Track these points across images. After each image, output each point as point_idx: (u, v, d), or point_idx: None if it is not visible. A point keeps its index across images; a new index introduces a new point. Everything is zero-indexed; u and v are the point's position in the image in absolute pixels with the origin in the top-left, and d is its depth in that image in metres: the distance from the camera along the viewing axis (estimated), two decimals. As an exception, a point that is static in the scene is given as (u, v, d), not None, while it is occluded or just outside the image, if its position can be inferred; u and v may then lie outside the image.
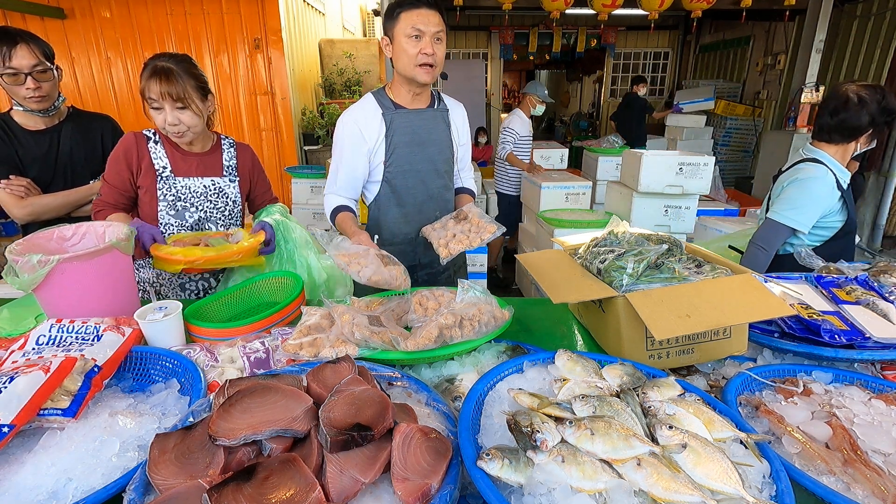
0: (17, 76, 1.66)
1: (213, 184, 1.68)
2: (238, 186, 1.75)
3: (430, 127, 1.70)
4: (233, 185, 1.73)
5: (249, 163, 1.79)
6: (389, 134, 1.64)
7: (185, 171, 1.64)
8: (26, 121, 1.81)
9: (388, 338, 1.06)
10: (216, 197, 1.69)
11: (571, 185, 3.88)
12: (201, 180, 1.66)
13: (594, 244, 1.36)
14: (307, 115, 5.53)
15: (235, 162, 1.74)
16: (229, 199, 1.73)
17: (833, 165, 1.79)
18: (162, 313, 1.18)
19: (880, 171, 5.53)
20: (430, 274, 1.84)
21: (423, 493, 0.65)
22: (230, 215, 1.75)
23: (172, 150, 1.63)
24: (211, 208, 1.69)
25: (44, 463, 0.77)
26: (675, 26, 9.14)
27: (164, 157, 1.62)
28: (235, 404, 0.76)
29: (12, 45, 1.63)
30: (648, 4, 5.12)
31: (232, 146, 1.76)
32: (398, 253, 1.75)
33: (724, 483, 0.66)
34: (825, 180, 1.76)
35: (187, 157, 1.65)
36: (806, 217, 1.78)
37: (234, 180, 1.74)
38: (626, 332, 1.10)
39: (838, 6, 5.64)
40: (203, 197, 1.67)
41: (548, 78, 15.28)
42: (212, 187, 1.68)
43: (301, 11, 5.58)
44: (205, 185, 1.67)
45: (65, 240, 1.38)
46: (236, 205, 1.76)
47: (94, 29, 4.72)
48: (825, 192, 1.76)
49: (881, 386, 0.98)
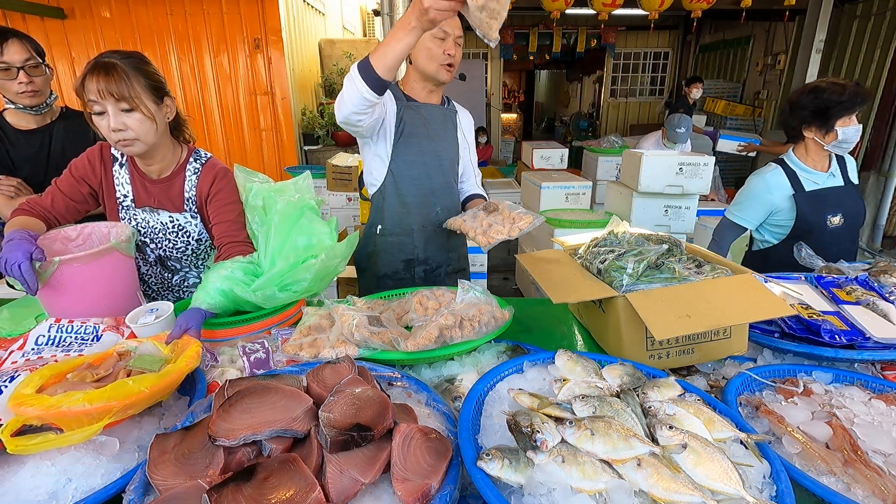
0: (9, 70, 1.67)
1: (172, 221, 1.43)
2: (200, 223, 1.47)
3: (440, 123, 1.73)
4: (195, 222, 1.46)
5: (207, 190, 1.44)
6: (399, 123, 1.66)
7: (145, 200, 1.42)
8: (18, 120, 1.81)
9: (389, 338, 1.06)
10: (175, 236, 1.45)
11: (571, 185, 3.88)
12: (158, 215, 1.41)
13: (594, 244, 1.36)
14: (307, 115, 5.54)
15: (195, 192, 1.45)
16: (191, 238, 1.47)
17: (796, 165, 1.85)
18: (153, 315, 1.18)
19: (880, 172, 5.53)
20: (427, 270, 1.83)
21: (423, 494, 0.65)
22: (195, 254, 1.51)
23: (136, 175, 1.41)
24: (171, 247, 1.46)
25: (43, 463, 0.77)
26: (675, 26, 9.14)
27: (127, 183, 1.40)
28: (235, 405, 0.76)
29: (3, 41, 1.65)
30: (648, 4, 5.12)
31: (196, 173, 1.44)
32: (396, 245, 1.77)
33: (724, 483, 0.66)
34: (767, 179, 1.85)
35: (146, 184, 1.41)
36: (747, 213, 1.90)
37: (196, 216, 1.46)
38: (626, 332, 1.10)
39: (838, 6, 5.64)
40: (161, 234, 1.44)
41: (548, 78, 15.28)
42: (170, 225, 1.43)
43: (301, 11, 5.58)
44: (162, 223, 1.42)
45: (70, 240, 1.38)
46: (201, 243, 1.50)
47: (94, 29, 4.71)
48: (763, 190, 1.85)
49: (881, 386, 0.98)
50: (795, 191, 1.81)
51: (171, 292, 1.58)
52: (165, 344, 1.03)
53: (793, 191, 1.81)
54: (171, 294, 1.58)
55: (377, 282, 1.83)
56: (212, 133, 5.34)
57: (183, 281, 1.57)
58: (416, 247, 1.78)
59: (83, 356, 0.96)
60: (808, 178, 1.84)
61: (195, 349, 0.97)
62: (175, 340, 1.04)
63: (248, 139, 5.41)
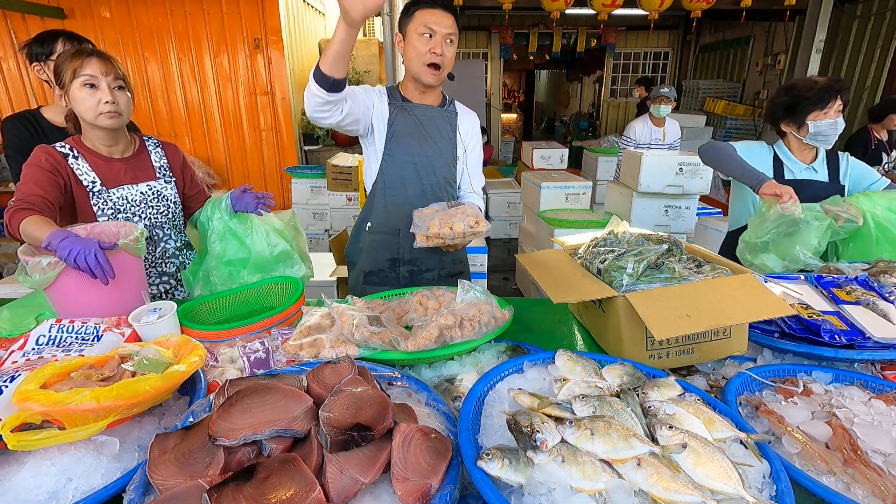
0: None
1: (150, 189, 1.58)
2: (175, 187, 1.65)
3: (434, 124, 1.71)
4: (169, 187, 1.64)
5: (181, 161, 1.69)
6: (392, 123, 1.67)
7: (115, 179, 1.52)
8: (55, 117, 1.87)
9: (389, 338, 1.06)
10: (156, 202, 1.60)
11: (571, 185, 3.88)
12: (136, 187, 1.55)
13: (594, 244, 1.36)
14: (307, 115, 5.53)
15: (167, 161, 1.65)
16: (170, 202, 1.63)
17: (782, 152, 1.94)
18: (156, 315, 1.18)
19: (880, 171, 5.52)
20: (413, 272, 1.81)
21: (423, 493, 0.65)
22: (174, 218, 1.66)
23: (95, 160, 1.50)
24: (154, 214, 1.59)
25: (44, 463, 0.77)
26: (675, 26, 9.15)
27: (89, 170, 1.48)
28: (235, 404, 0.76)
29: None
30: (648, 4, 5.12)
31: (158, 146, 1.66)
32: (382, 243, 1.77)
33: (724, 483, 0.66)
34: (758, 143, 1.98)
35: (112, 165, 1.52)
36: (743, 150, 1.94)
37: (170, 181, 1.64)
38: (626, 332, 1.10)
39: (838, 6, 5.64)
40: (144, 204, 1.57)
41: (548, 78, 15.29)
42: (149, 193, 1.58)
43: (301, 11, 5.58)
44: (141, 192, 1.56)
45: None
46: (177, 206, 1.67)
47: (94, 29, 4.71)
48: (755, 145, 1.97)
49: (881, 386, 0.98)
50: (775, 175, 1.88)
51: (153, 268, 1.66)
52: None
53: (771, 175, 1.87)
54: (153, 270, 1.66)
55: (363, 277, 1.82)
56: (212, 133, 5.34)
57: (164, 253, 1.67)
58: (401, 246, 1.77)
59: (84, 357, 0.96)
60: (789, 167, 1.90)
61: (199, 352, 0.97)
62: (176, 343, 1.04)
63: (248, 139, 5.41)
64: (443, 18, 1.55)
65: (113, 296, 1.27)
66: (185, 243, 1.75)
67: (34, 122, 1.85)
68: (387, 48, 3.34)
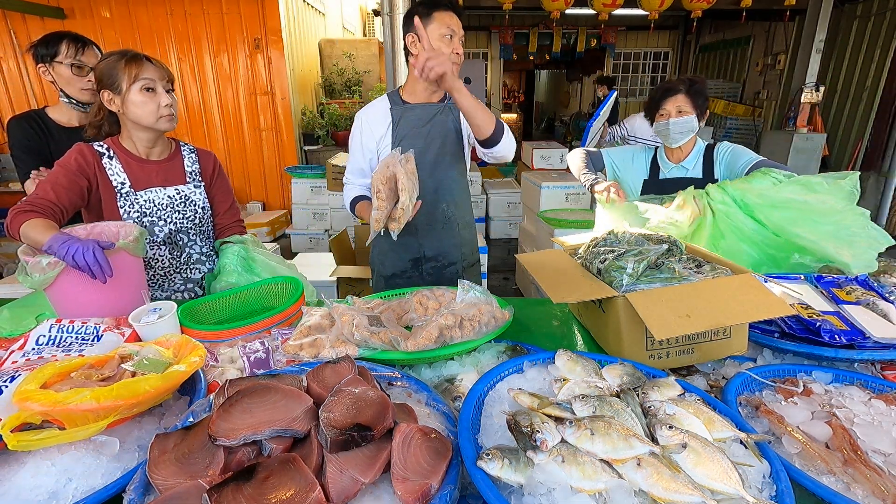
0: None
1: (178, 193, 1.58)
2: (204, 192, 1.66)
3: (437, 119, 1.74)
4: (198, 192, 1.64)
5: (211, 169, 1.68)
6: (396, 128, 1.72)
7: (146, 182, 1.53)
8: (60, 116, 1.89)
9: (389, 338, 1.06)
10: (183, 206, 1.59)
11: (571, 185, 3.88)
12: (164, 191, 1.55)
13: (594, 244, 1.36)
14: (307, 115, 5.54)
15: (198, 167, 1.65)
16: (198, 207, 1.63)
17: (659, 153, 2.03)
18: (157, 315, 1.18)
19: (880, 172, 5.53)
20: (437, 267, 1.85)
21: (423, 493, 0.65)
22: (202, 224, 1.66)
23: (128, 161, 1.51)
24: (181, 219, 1.59)
25: (44, 463, 0.77)
26: (675, 26, 9.15)
27: (121, 171, 1.50)
28: (235, 404, 0.76)
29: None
30: (648, 4, 5.13)
31: (193, 151, 1.67)
32: (401, 244, 1.79)
33: (724, 483, 0.66)
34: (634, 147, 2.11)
35: (145, 166, 1.54)
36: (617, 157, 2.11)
37: (200, 185, 1.64)
38: (626, 332, 1.10)
39: (838, 6, 5.64)
40: (170, 208, 1.57)
41: (548, 78, 15.28)
42: (177, 197, 1.58)
43: (301, 11, 5.58)
44: (169, 196, 1.56)
45: None
46: (206, 212, 1.66)
47: (94, 29, 4.71)
48: (629, 150, 2.10)
49: (881, 386, 0.98)
50: (649, 177, 1.99)
51: (178, 274, 1.64)
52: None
53: (647, 176, 2.00)
54: (178, 276, 1.64)
55: (386, 281, 1.85)
56: (212, 133, 5.34)
57: (189, 259, 1.65)
58: (421, 245, 1.80)
59: (84, 357, 0.96)
60: (662, 167, 2.00)
61: (199, 352, 0.97)
62: (176, 343, 1.04)
63: (248, 139, 5.41)
64: (457, 20, 1.61)
65: (113, 296, 1.27)
66: (213, 250, 1.73)
67: (40, 122, 1.86)
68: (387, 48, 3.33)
